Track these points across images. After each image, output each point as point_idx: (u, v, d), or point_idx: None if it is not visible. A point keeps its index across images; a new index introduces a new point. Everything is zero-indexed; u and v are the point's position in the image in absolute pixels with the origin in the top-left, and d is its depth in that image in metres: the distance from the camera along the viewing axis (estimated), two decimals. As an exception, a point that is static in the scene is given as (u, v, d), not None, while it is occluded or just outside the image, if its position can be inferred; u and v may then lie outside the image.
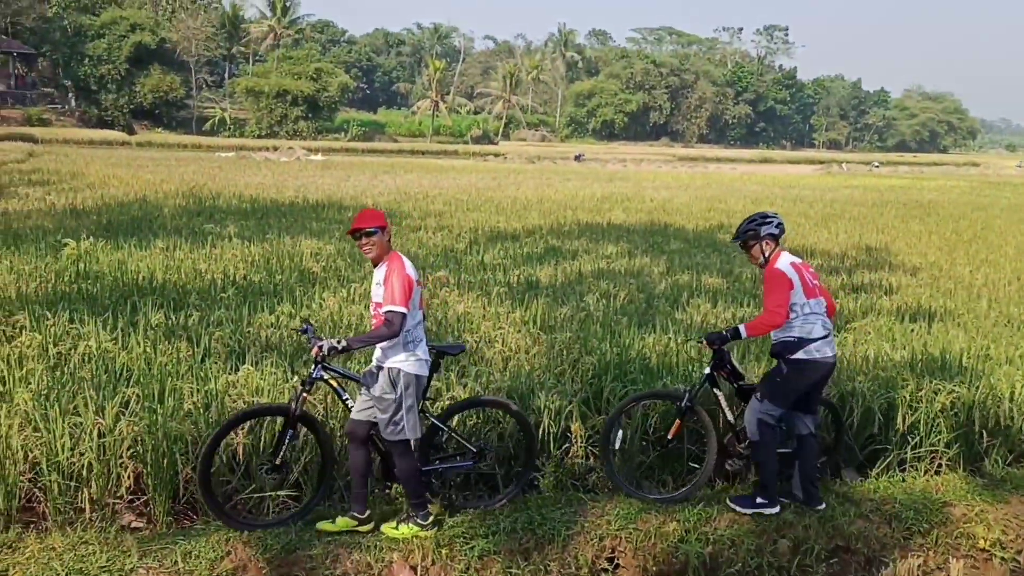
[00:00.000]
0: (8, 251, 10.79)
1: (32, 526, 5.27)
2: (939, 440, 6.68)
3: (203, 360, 6.78)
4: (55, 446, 5.30)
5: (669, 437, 6.03)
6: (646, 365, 7.15)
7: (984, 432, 6.77)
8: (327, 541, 5.09)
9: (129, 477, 5.35)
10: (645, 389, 6.48)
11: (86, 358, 6.65)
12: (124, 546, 4.85)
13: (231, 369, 6.58)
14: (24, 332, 7.14)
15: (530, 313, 8.75)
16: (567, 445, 6.17)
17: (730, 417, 6.09)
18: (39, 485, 5.35)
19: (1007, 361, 7.87)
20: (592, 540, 5.40)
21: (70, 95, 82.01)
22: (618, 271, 12.17)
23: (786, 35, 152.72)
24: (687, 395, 5.92)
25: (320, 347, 5.04)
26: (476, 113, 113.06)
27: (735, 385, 6.08)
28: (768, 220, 5.80)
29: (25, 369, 6.22)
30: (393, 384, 5.10)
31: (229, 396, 5.97)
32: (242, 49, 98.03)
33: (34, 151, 39.25)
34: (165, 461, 5.38)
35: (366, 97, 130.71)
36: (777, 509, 5.72)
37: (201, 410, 5.78)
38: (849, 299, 10.61)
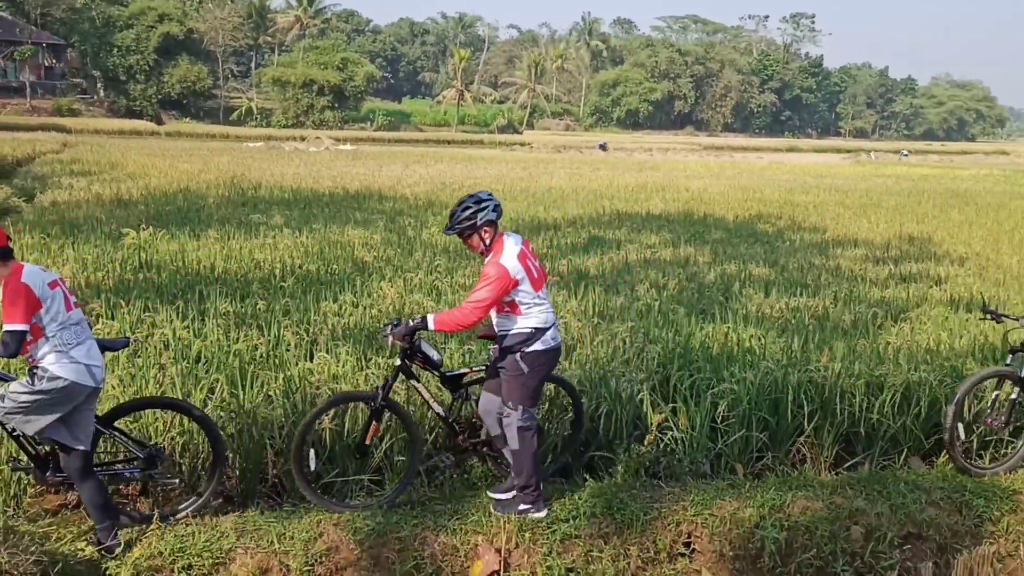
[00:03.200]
0: (68, 241, 11.02)
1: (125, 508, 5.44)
2: (1006, 430, 6.72)
3: (275, 347, 6.94)
4: (148, 431, 5.46)
5: (367, 442, 5.46)
6: (709, 354, 7.24)
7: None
8: (414, 524, 5.22)
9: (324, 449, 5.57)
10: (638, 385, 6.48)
11: (164, 345, 6.82)
12: (221, 527, 5.00)
13: (305, 356, 6.73)
14: (100, 320, 7.33)
15: (586, 303, 8.86)
16: (638, 432, 6.26)
17: (438, 410, 5.61)
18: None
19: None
20: (669, 525, 5.49)
21: (99, 85, 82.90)
22: (664, 260, 12.23)
23: (812, 23, 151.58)
24: (380, 393, 5.33)
25: None
26: (501, 102, 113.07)
27: (437, 374, 5.56)
28: (484, 205, 5.17)
29: (109, 356, 6.39)
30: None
31: (308, 383, 6.11)
32: (268, 39, 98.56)
33: (68, 141, 39.69)
34: (252, 445, 5.53)
35: (391, 87, 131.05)
36: (544, 512, 5.35)
37: (282, 396, 5.93)
38: (900, 289, 10.63)
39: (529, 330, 5.16)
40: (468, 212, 5.15)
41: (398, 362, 5.40)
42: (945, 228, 17.44)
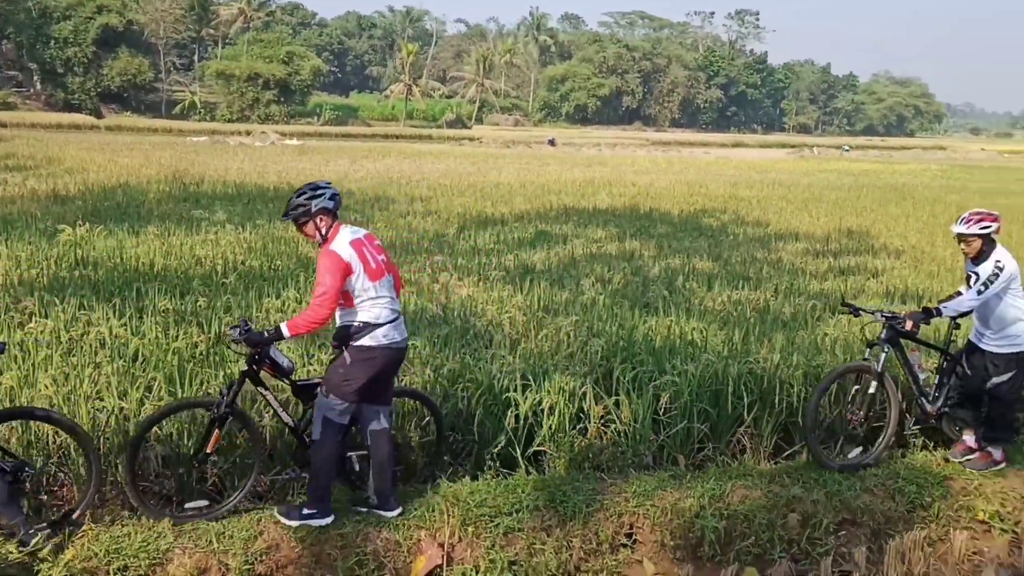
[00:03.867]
0: (1, 238, 10.74)
1: (56, 510, 5.32)
2: (936, 417, 6.91)
3: (216, 344, 6.84)
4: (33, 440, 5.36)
5: (208, 451, 5.19)
6: (652, 347, 7.31)
7: (979, 410, 6.99)
8: (357, 520, 5.20)
9: (157, 460, 5.42)
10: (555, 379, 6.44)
11: (100, 343, 6.69)
12: (158, 527, 4.92)
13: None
14: (34, 318, 7.16)
15: (531, 297, 8.89)
16: (581, 425, 6.30)
17: (287, 420, 5.39)
18: (64, 470, 5.40)
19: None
20: (612, 516, 5.55)
21: (35, 78, 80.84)
22: (610, 255, 12.33)
23: (757, 20, 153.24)
24: (223, 400, 5.10)
25: None
26: (449, 97, 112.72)
27: (289, 382, 5.38)
28: (320, 192, 5.05)
29: (43, 354, 6.25)
30: None
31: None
32: (212, 32, 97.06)
33: (2, 136, 38.68)
34: (193, 444, 5.46)
35: (338, 81, 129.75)
36: (330, 519, 5.12)
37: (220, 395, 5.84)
38: (839, 281, 10.85)
39: (358, 323, 5.03)
40: (303, 198, 5.05)
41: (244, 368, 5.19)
42: (883, 222, 17.84)
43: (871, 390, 6.37)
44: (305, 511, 5.08)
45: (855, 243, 14.62)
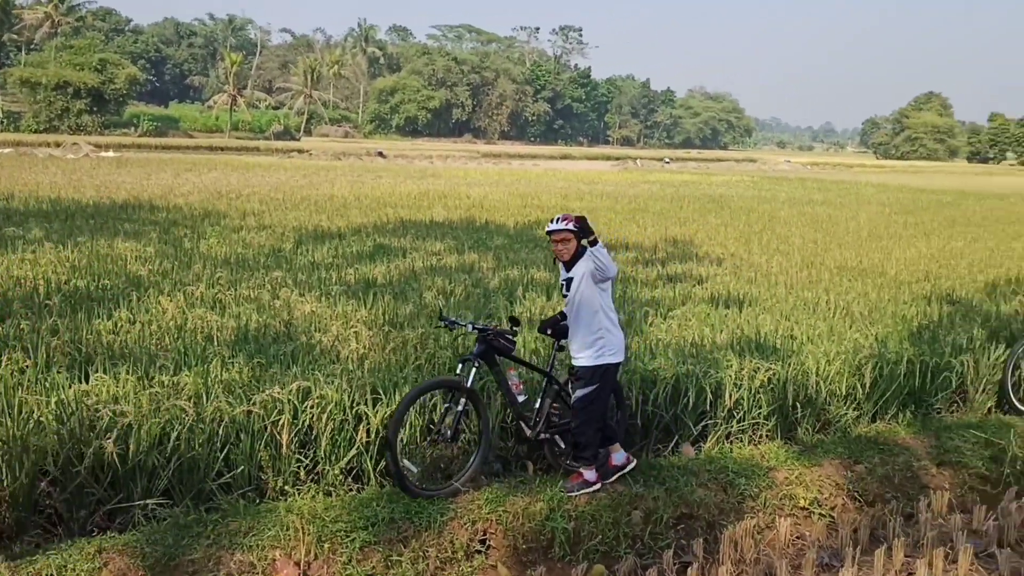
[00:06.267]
0: None
1: None
2: (760, 413, 7.45)
3: (46, 370, 6.50)
4: None
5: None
6: (527, 354, 7.50)
7: (797, 405, 7.60)
8: (207, 544, 5.08)
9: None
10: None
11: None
12: (-9, 566, 4.65)
13: (79, 378, 6.35)
14: None
15: (375, 311, 8.91)
16: (431, 436, 6.39)
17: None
18: None
19: (809, 340, 8.81)
20: (466, 524, 5.67)
21: None
22: (450, 267, 12.47)
23: (580, 35, 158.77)
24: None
25: None
26: (276, 108, 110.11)
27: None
28: None
29: None
30: None
31: (85, 406, 5.77)
32: (15, 37, 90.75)
33: None
34: (23, 475, 5.17)
35: (156, 90, 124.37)
36: None
37: (55, 421, 5.56)
38: (668, 289, 11.42)
39: None
40: None
41: None
42: (704, 231, 18.87)
43: (459, 407, 5.96)
44: None
45: (680, 251, 15.41)
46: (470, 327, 6.23)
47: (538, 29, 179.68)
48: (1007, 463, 7.42)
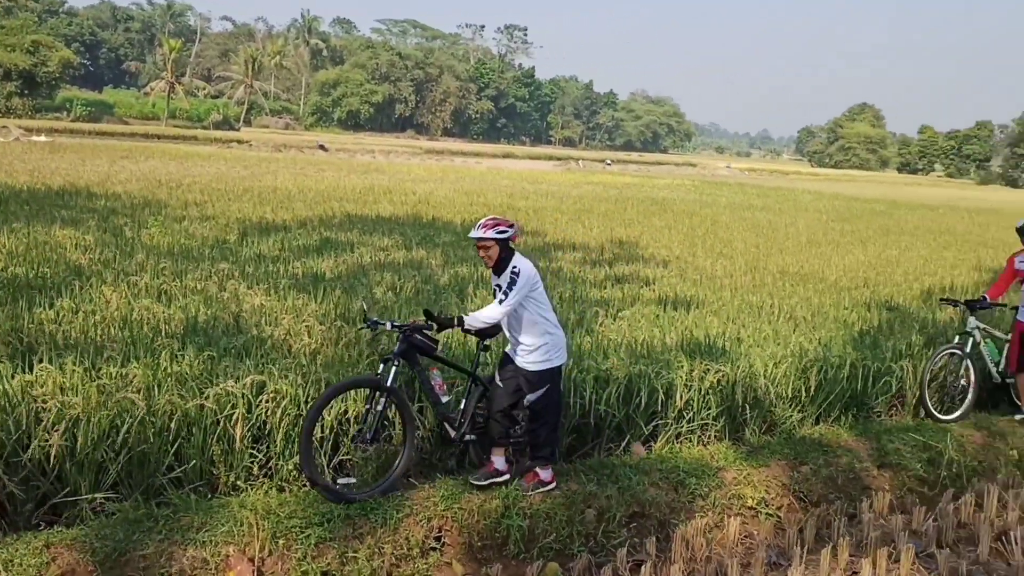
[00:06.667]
0: None
1: None
2: (709, 414, 7.56)
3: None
4: None
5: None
6: (452, 353, 7.49)
7: (745, 406, 7.73)
8: (159, 539, 4.98)
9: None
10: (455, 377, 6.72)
11: None
12: (-67, 562, 4.49)
13: (22, 369, 6.16)
14: None
15: (327, 306, 8.82)
16: (386, 433, 6.36)
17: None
18: None
19: (755, 343, 8.98)
20: (421, 521, 5.66)
21: None
22: (398, 263, 12.40)
23: (525, 35, 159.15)
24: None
25: None
26: (215, 97, 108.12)
27: None
28: None
29: None
30: None
31: (31, 397, 5.60)
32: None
33: None
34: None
35: (90, 75, 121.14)
36: None
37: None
38: (616, 289, 11.52)
39: None
40: None
41: None
42: (649, 233, 19.07)
43: (379, 407, 5.87)
44: None
45: (626, 253, 15.54)
46: (389, 325, 6.11)
47: (483, 27, 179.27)
48: (944, 466, 7.68)
